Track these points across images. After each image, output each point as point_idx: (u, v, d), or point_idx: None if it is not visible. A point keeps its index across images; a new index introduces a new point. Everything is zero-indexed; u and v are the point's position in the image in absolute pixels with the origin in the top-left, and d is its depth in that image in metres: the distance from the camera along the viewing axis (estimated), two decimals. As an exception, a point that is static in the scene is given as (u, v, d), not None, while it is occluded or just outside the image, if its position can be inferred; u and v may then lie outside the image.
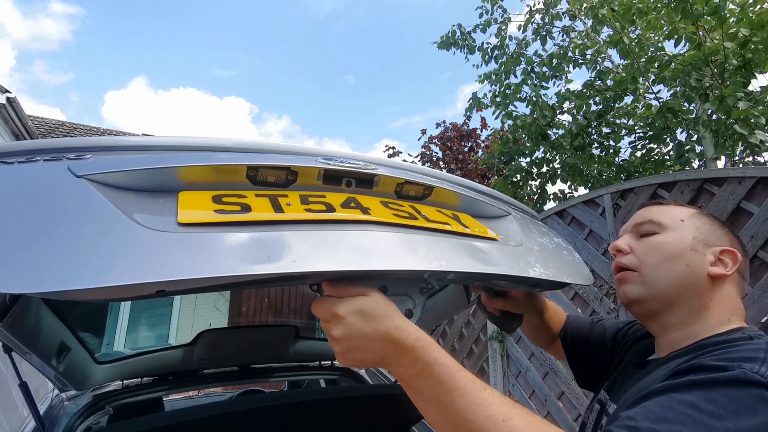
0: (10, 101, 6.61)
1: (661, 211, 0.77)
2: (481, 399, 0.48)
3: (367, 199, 0.68)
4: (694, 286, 0.68)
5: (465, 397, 0.48)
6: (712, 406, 0.49)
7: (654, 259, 0.71)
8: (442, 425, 0.50)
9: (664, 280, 0.69)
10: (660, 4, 4.09)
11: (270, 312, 8.63)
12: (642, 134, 5.35)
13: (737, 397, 0.50)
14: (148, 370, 1.72)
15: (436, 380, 0.51)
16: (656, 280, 0.70)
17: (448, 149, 11.10)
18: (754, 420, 0.48)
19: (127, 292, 0.45)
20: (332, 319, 0.56)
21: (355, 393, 1.46)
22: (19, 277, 0.40)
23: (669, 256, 0.70)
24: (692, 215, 0.75)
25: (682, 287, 0.69)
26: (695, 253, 0.69)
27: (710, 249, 0.70)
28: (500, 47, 5.46)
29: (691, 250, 0.70)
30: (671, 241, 0.71)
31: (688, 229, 0.72)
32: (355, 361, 0.56)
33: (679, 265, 0.69)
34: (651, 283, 0.70)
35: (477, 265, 0.63)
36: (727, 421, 0.47)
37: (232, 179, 0.64)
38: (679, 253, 0.70)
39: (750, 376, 0.51)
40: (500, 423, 0.46)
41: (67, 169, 0.57)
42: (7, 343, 1.08)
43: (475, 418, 0.47)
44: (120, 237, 0.47)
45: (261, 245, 0.51)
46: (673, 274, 0.69)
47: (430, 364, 0.52)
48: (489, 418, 0.47)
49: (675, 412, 0.49)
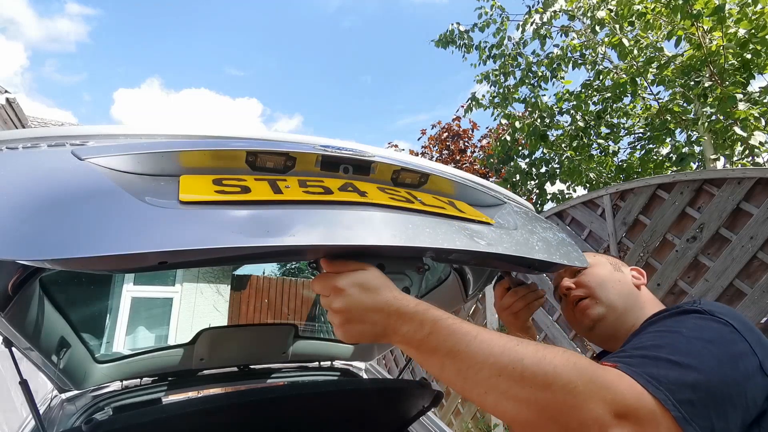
0: (9, 102, 6.61)
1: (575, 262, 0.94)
2: (491, 335, 0.54)
3: (364, 185, 0.70)
4: (631, 295, 0.85)
5: (479, 337, 0.53)
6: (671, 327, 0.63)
7: (597, 281, 0.87)
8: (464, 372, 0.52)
9: (613, 294, 0.85)
10: (659, 5, 4.11)
11: (269, 313, 8.59)
12: (641, 135, 5.37)
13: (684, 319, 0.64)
14: (147, 369, 1.72)
15: (448, 333, 0.54)
16: (606, 295, 0.85)
17: (446, 149, 11.16)
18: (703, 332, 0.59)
19: (131, 262, 0.46)
20: (332, 292, 0.57)
21: (352, 387, 1.46)
22: (32, 246, 0.41)
23: (605, 278, 0.88)
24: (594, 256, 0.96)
25: (625, 296, 0.85)
26: (618, 272, 0.89)
27: (623, 267, 0.91)
28: (498, 47, 5.48)
29: (615, 271, 0.89)
30: (600, 270, 0.90)
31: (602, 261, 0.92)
32: (354, 333, 0.57)
33: (615, 282, 0.87)
34: (605, 300, 0.85)
35: (472, 244, 0.64)
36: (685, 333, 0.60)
37: (232, 165, 0.65)
38: (609, 274, 0.88)
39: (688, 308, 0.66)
40: (516, 347, 0.52)
41: (71, 153, 0.58)
42: (8, 336, 1.08)
43: (493, 350, 0.52)
44: (123, 212, 0.48)
45: (260, 221, 0.53)
46: (615, 288, 0.86)
47: (436, 321, 0.55)
48: (505, 345, 0.52)
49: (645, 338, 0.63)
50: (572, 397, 0.49)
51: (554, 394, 0.49)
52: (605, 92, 5.04)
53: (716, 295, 2.38)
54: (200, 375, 1.77)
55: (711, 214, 2.48)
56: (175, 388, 1.73)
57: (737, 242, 2.34)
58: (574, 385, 0.49)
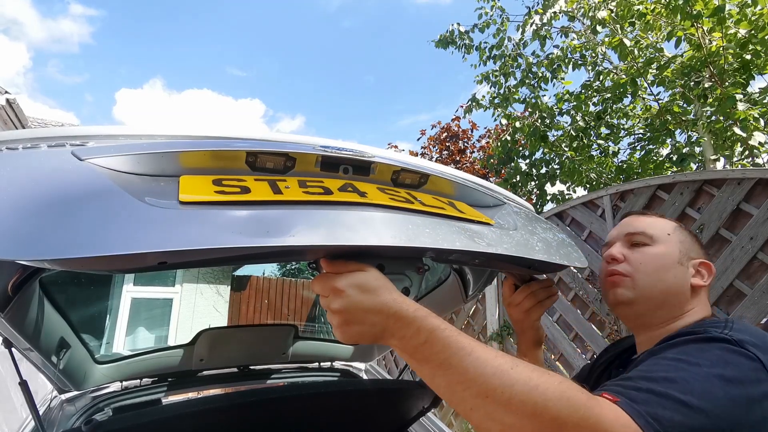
0: (9, 102, 6.60)
1: (650, 223, 0.83)
2: (487, 353, 0.52)
3: (364, 185, 0.70)
4: (678, 295, 0.77)
5: (472, 354, 0.51)
6: (690, 357, 0.57)
7: (647, 268, 0.78)
8: (453, 386, 0.51)
9: (654, 288, 0.77)
10: (659, 5, 4.12)
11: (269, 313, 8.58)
12: (641, 135, 5.37)
13: (708, 349, 0.58)
14: (147, 370, 1.72)
15: (443, 344, 0.52)
16: (647, 287, 0.77)
17: (446, 149, 11.19)
18: (725, 368, 0.55)
19: (130, 262, 0.46)
20: (331, 293, 0.57)
21: (352, 387, 1.46)
22: (32, 246, 0.41)
23: (660, 267, 0.78)
24: (675, 229, 0.83)
25: (669, 295, 0.77)
26: (681, 266, 0.78)
27: (691, 262, 0.79)
28: (498, 47, 5.49)
29: (678, 264, 0.78)
30: (662, 254, 0.79)
31: (674, 243, 0.80)
32: (353, 334, 0.57)
33: (668, 276, 0.77)
34: (641, 289, 0.77)
35: (472, 245, 0.64)
36: (704, 367, 0.55)
37: (232, 165, 0.65)
38: (669, 265, 0.78)
39: (715, 335, 0.61)
40: (509, 371, 0.50)
41: (71, 153, 0.58)
42: (8, 337, 1.08)
43: (485, 371, 0.50)
44: (123, 212, 0.48)
45: (260, 221, 0.53)
46: (663, 283, 0.77)
47: (433, 330, 0.53)
48: (498, 368, 0.50)
49: (659, 366, 0.58)
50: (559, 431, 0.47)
51: (541, 425, 0.48)
52: (605, 93, 5.05)
53: (716, 296, 2.37)
54: (200, 376, 1.77)
55: (711, 215, 2.48)
56: (175, 388, 1.73)
57: (737, 243, 2.34)
58: (563, 421, 0.47)
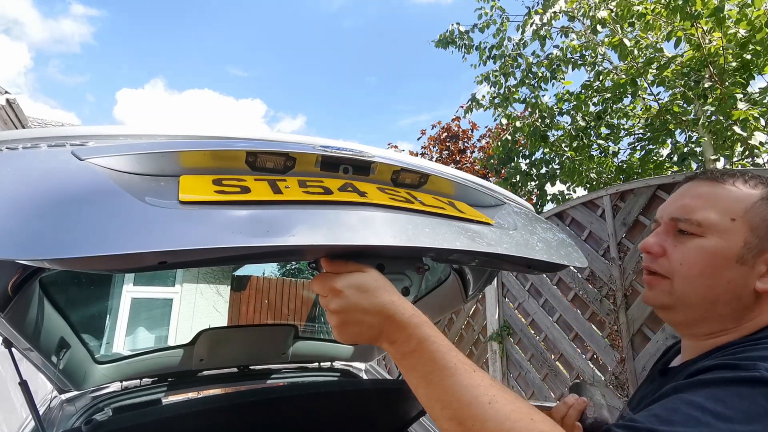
0: (9, 103, 6.59)
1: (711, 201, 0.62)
2: (470, 380, 0.49)
3: (364, 185, 0.70)
4: (732, 303, 0.59)
5: (454, 377, 0.49)
6: (720, 407, 0.45)
7: (690, 270, 0.61)
8: (432, 403, 0.50)
9: (697, 297, 0.60)
10: (659, 5, 4.12)
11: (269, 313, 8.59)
12: (641, 135, 5.37)
13: (749, 396, 0.45)
14: (147, 370, 1.72)
15: (429, 358, 0.51)
16: (688, 293, 0.61)
17: (446, 149, 11.21)
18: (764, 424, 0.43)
19: (130, 261, 0.47)
20: (330, 293, 0.57)
21: (352, 387, 1.46)
22: (32, 245, 0.41)
23: (708, 269, 0.59)
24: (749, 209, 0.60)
25: (718, 305, 0.59)
26: (741, 266, 0.58)
27: (763, 257, 0.58)
28: (498, 47, 5.50)
29: (736, 263, 0.58)
30: (714, 251, 0.59)
31: (738, 233, 0.59)
32: (351, 335, 0.57)
33: (718, 281, 0.59)
34: (681, 295, 0.62)
35: (472, 244, 0.64)
36: (736, 424, 0.43)
37: (232, 165, 0.65)
38: (721, 266, 0.59)
39: (765, 376, 0.46)
40: (485, 405, 0.46)
41: (71, 153, 0.58)
42: (8, 337, 1.09)
43: (462, 398, 0.47)
44: (123, 212, 0.48)
45: (260, 221, 0.53)
46: (709, 290, 0.60)
47: (423, 341, 0.52)
48: (476, 398, 0.47)
49: (679, 413, 0.46)
50: None
51: None
52: (605, 93, 5.05)
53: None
54: (200, 376, 1.77)
55: (711, 215, 2.48)
56: (175, 388, 1.73)
57: (737, 243, 2.34)
58: None
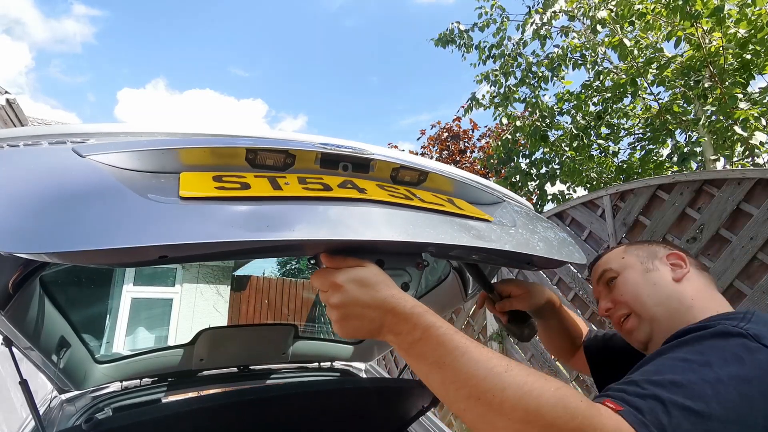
0: (9, 102, 6.59)
1: (605, 260, 0.88)
2: (481, 354, 0.51)
3: (364, 182, 0.70)
4: (672, 297, 0.75)
5: (466, 355, 0.51)
6: (700, 357, 0.54)
7: (632, 294, 0.79)
8: (447, 385, 0.51)
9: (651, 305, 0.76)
10: (659, 5, 4.12)
11: (269, 313, 8.59)
12: (641, 135, 5.37)
13: (722, 347, 0.55)
14: (147, 370, 1.72)
15: (437, 342, 0.52)
16: (646, 309, 0.77)
17: (446, 149, 11.22)
18: (742, 367, 0.52)
19: (131, 256, 0.47)
20: (330, 288, 0.58)
21: (352, 386, 1.46)
22: (33, 239, 0.41)
23: (638, 285, 0.79)
24: (625, 249, 0.86)
25: (665, 301, 0.75)
26: (650, 272, 0.79)
27: (657, 260, 0.80)
28: (498, 47, 5.49)
29: (646, 272, 0.79)
30: (631, 275, 0.80)
31: (631, 259, 0.83)
32: (351, 329, 0.57)
33: (650, 288, 0.77)
34: (645, 315, 0.77)
35: (471, 240, 0.64)
36: (716, 368, 0.51)
37: (232, 162, 0.65)
38: (642, 279, 0.79)
39: (731, 329, 0.57)
40: (503, 374, 0.49)
41: (72, 150, 0.58)
42: (8, 335, 1.09)
43: (477, 372, 0.49)
44: (124, 207, 0.48)
45: (261, 216, 0.53)
46: (652, 297, 0.76)
47: (429, 328, 0.53)
48: (491, 370, 0.49)
49: (667, 367, 0.54)
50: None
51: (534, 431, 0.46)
52: (605, 93, 5.05)
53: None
54: (200, 375, 1.77)
55: (711, 215, 2.48)
56: (175, 388, 1.73)
57: (737, 243, 2.34)
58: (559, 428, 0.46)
